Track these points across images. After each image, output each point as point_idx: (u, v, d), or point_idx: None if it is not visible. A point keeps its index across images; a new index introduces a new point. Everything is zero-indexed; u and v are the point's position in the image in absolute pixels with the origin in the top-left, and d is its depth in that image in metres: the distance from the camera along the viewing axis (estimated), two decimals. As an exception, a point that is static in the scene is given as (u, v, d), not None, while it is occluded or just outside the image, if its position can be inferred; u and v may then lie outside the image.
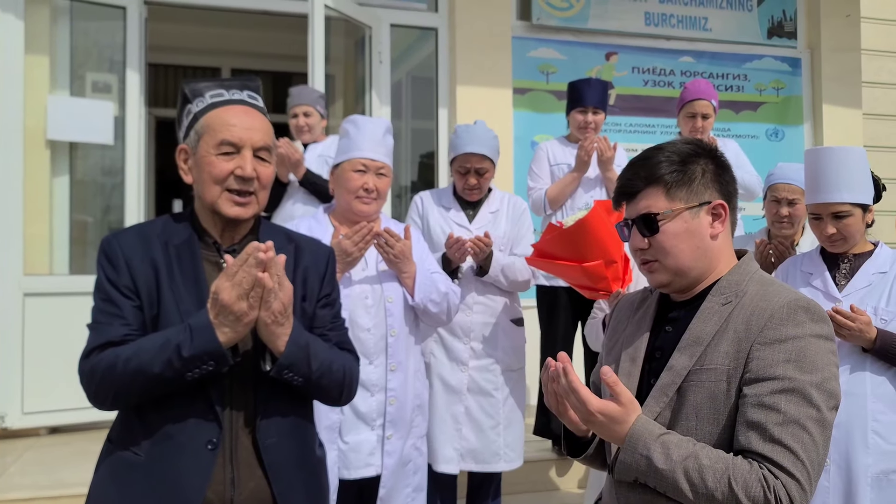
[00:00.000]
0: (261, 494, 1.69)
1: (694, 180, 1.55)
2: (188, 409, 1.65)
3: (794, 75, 6.22)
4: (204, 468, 1.64)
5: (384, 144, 2.84)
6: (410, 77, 6.15)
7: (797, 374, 1.39)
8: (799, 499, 1.34)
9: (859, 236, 2.68)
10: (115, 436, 1.73)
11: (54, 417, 4.64)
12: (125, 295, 1.69)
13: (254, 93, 1.84)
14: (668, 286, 1.59)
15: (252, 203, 1.75)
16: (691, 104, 4.11)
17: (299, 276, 1.82)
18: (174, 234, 1.77)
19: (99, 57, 5.27)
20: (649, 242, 1.56)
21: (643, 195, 1.56)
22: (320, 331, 1.84)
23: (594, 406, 1.42)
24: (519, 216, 3.53)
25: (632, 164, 1.61)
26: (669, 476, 1.39)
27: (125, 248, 1.72)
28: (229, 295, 1.57)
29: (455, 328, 3.35)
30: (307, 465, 1.80)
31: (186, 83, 1.83)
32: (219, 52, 7.92)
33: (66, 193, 5.07)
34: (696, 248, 1.54)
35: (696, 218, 1.54)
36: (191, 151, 1.77)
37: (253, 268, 1.57)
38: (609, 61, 5.85)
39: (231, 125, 1.73)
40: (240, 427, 1.69)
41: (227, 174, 1.72)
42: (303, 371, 1.70)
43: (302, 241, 1.90)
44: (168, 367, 1.59)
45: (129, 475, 1.66)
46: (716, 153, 1.59)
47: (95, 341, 1.67)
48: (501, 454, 3.38)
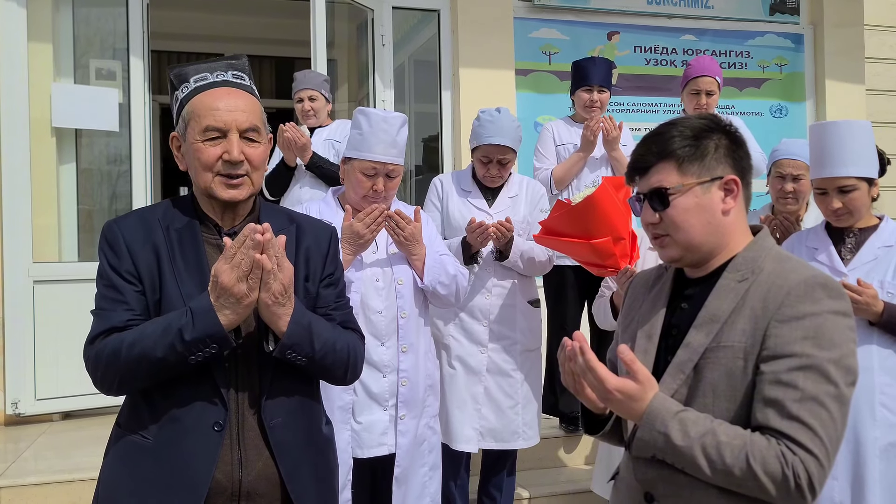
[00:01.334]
0: (268, 474, 1.71)
1: (706, 155, 1.54)
2: (193, 391, 1.67)
3: (797, 52, 6.20)
4: (211, 450, 1.65)
5: (396, 144, 2.80)
6: (413, 60, 6.14)
7: (815, 350, 1.39)
8: (817, 475, 1.35)
9: (865, 210, 2.69)
10: (123, 420, 1.75)
11: (67, 403, 4.68)
12: (127, 280, 1.70)
13: (239, 72, 1.80)
14: (680, 261, 1.60)
15: (245, 184, 1.74)
16: (695, 81, 4.10)
17: (301, 256, 1.82)
18: (175, 218, 1.77)
19: (102, 44, 5.27)
20: (660, 217, 1.56)
21: (655, 170, 1.57)
22: (324, 310, 1.84)
23: (612, 384, 1.43)
24: (537, 201, 3.55)
25: (645, 139, 1.62)
26: (687, 452, 1.41)
27: (126, 234, 1.72)
28: (228, 277, 1.57)
29: (474, 310, 3.38)
30: (314, 443, 1.81)
31: (171, 69, 1.81)
32: (221, 38, 7.90)
33: (73, 181, 5.09)
34: (708, 223, 1.54)
35: (707, 193, 1.54)
36: (181, 138, 1.77)
37: (251, 249, 1.57)
38: (611, 41, 5.84)
39: (214, 109, 1.70)
40: (245, 408, 1.70)
41: (215, 160, 1.70)
42: (306, 351, 1.70)
43: (303, 221, 1.90)
44: (171, 351, 1.60)
45: (139, 458, 1.68)
46: (730, 129, 1.58)
47: (99, 327, 1.68)
48: (520, 432, 3.42)
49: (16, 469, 3.78)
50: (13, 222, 4.58)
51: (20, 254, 4.58)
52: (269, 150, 1.81)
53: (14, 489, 3.62)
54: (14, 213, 4.58)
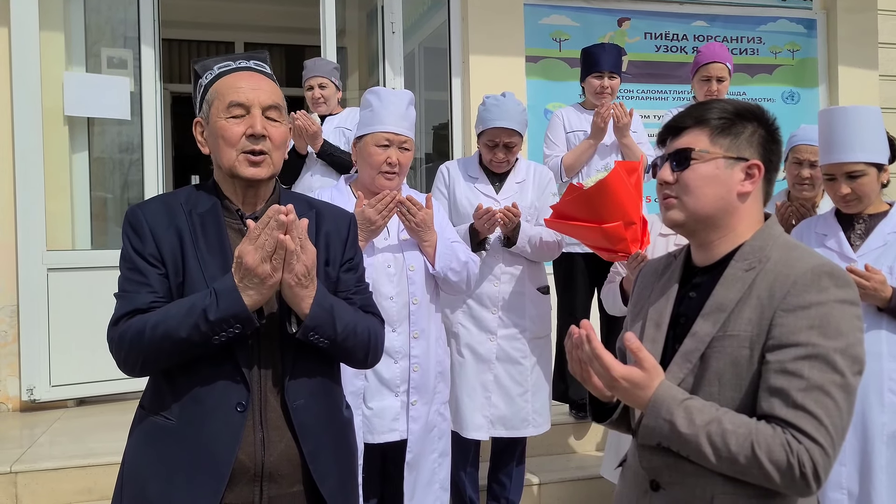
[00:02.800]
0: (290, 455, 1.73)
1: (740, 135, 1.56)
2: (216, 372, 1.69)
3: (810, 37, 6.15)
4: (234, 430, 1.67)
5: (407, 118, 2.85)
6: (423, 47, 6.13)
7: (820, 340, 1.39)
8: (822, 463, 1.35)
9: (874, 196, 2.68)
10: (146, 402, 1.78)
11: (81, 389, 4.73)
12: (151, 263, 1.72)
13: (260, 62, 1.86)
14: (682, 227, 1.59)
15: (266, 163, 1.77)
16: (706, 67, 4.08)
17: (322, 241, 1.84)
18: (198, 202, 1.80)
19: (113, 33, 5.29)
20: (677, 178, 1.57)
21: (688, 132, 1.58)
22: (345, 294, 1.86)
23: (618, 372, 1.44)
24: (545, 186, 3.53)
25: (688, 107, 1.64)
26: (692, 440, 1.41)
27: (150, 218, 1.75)
28: (253, 258, 1.60)
29: (483, 298, 3.38)
30: (335, 425, 1.83)
31: (196, 61, 1.87)
32: (232, 26, 7.91)
33: (86, 169, 5.13)
34: (720, 198, 1.54)
35: (729, 169, 1.55)
36: (204, 122, 1.81)
37: (275, 230, 1.59)
38: (621, 27, 5.81)
39: (238, 87, 1.76)
40: (268, 389, 1.72)
41: (239, 136, 1.74)
42: (328, 333, 1.72)
43: (323, 207, 1.93)
44: (195, 331, 1.62)
45: (162, 439, 1.70)
46: (773, 125, 1.59)
47: (123, 309, 1.71)
48: (530, 420, 3.43)
49: (31, 454, 3.83)
50: (27, 211, 4.62)
51: (34, 242, 4.62)
52: (288, 135, 1.85)
53: (30, 474, 3.67)
54: (28, 202, 4.62)
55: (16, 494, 3.65)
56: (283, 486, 1.72)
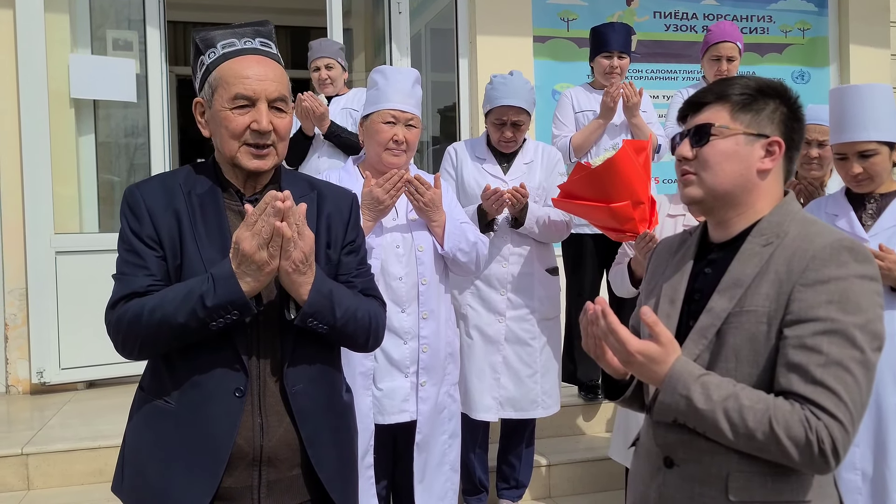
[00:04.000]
0: (289, 440, 1.72)
1: (761, 112, 1.54)
2: (214, 357, 1.67)
3: (821, 16, 6.08)
4: (233, 415, 1.67)
5: (413, 95, 2.84)
6: (429, 28, 6.09)
7: (840, 315, 1.37)
8: (841, 440, 1.34)
9: (886, 175, 2.66)
10: (146, 384, 1.77)
11: (91, 372, 4.75)
12: (148, 245, 1.70)
13: (266, 39, 1.79)
14: (700, 203, 1.58)
15: (271, 155, 1.74)
16: (716, 46, 4.05)
17: (323, 223, 1.82)
18: (197, 183, 1.77)
19: (118, 15, 5.27)
20: (696, 154, 1.55)
21: (708, 108, 1.57)
22: (346, 277, 1.84)
23: (633, 346, 1.43)
24: (553, 167, 3.51)
25: (711, 84, 1.62)
26: (710, 416, 1.40)
27: (148, 198, 1.73)
28: (249, 244, 1.57)
29: (491, 279, 3.37)
30: (334, 410, 1.82)
31: (197, 32, 1.79)
32: (237, 8, 7.87)
33: (93, 152, 5.12)
34: (739, 174, 1.53)
35: (749, 145, 1.53)
36: (206, 105, 1.76)
37: (271, 217, 1.57)
38: (630, 6, 5.75)
39: (244, 77, 1.69)
40: (267, 374, 1.71)
41: (243, 129, 1.70)
42: (327, 319, 1.71)
43: (325, 188, 1.90)
44: (192, 316, 1.61)
45: (162, 423, 1.69)
46: (795, 103, 1.57)
47: (120, 292, 1.69)
48: (539, 401, 3.43)
49: (42, 436, 3.86)
50: (34, 194, 4.62)
51: (42, 225, 4.63)
52: (292, 121, 1.80)
53: (41, 456, 3.70)
54: (35, 185, 4.62)
55: (27, 476, 3.68)
56: (281, 471, 1.72)
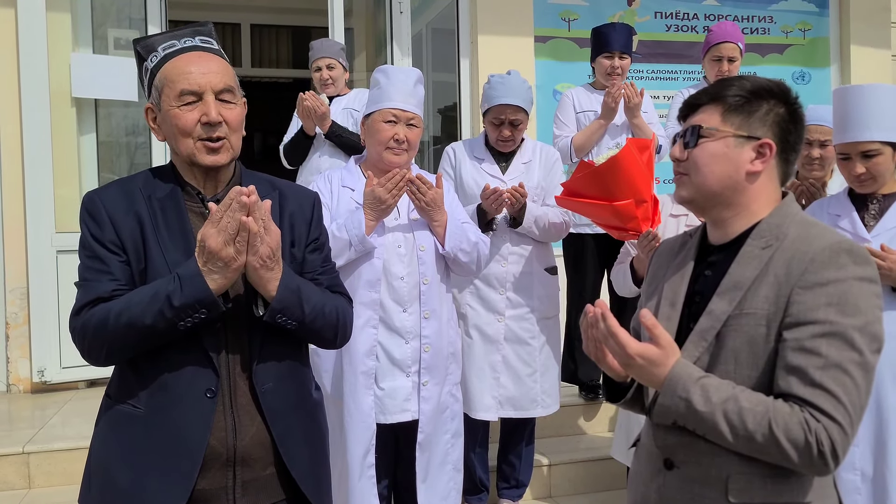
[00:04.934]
0: (262, 439, 1.72)
1: (753, 113, 1.54)
2: (183, 358, 1.66)
3: (822, 16, 6.08)
4: (205, 416, 1.65)
5: (415, 95, 2.84)
6: (431, 28, 6.09)
7: (839, 317, 1.37)
8: (840, 442, 1.34)
9: (888, 175, 2.66)
10: (112, 391, 1.75)
11: (92, 371, 4.75)
12: (111, 251, 1.69)
13: (207, 37, 1.79)
14: (691, 203, 1.60)
15: (225, 148, 1.72)
16: (717, 47, 4.05)
17: (286, 222, 1.81)
18: (157, 187, 1.76)
19: (119, 14, 5.27)
20: (687, 155, 1.57)
21: (702, 110, 1.58)
22: (311, 275, 1.84)
23: (633, 349, 1.43)
24: (551, 166, 3.52)
25: (711, 84, 1.63)
26: (709, 418, 1.40)
27: (108, 204, 1.71)
28: (216, 241, 1.57)
29: (490, 278, 3.38)
30: (304, 408, 1.82)
31: (137, 41, 1.80)
32: (239, 7, 7.88)
33: (94, 152, 5.13)
34: (728, 176, 1.53)
35: (738, 148, 1.53)
36: (156, 108, 1.75)
37: (237, 212, 1.56)
38: (631, 6, 5.76)
39: (188, 73, 1.69)
40: (237, 373, 1.70)
41: (193, 124, 1.69)
42: (296, 315, 1.70)
43: (286, 187, 1.89)
44: (160, 317, 1.59)
45: (130, 428, 1.67)
46: (794, 104, 1.57)
47: (84, 298, 1.67)
48: (538, 400, 3.43)
49: (43, 435, 3.86)
50: (36, 193, 4.63)
51: (43, 224, 4.63)
52: (245, 113, 1.79)
53: (42, 454, 3.70)
54: (36, 184, 4.62)
55: (28, 475, 3.68)
56: (255, 470, 1.71)
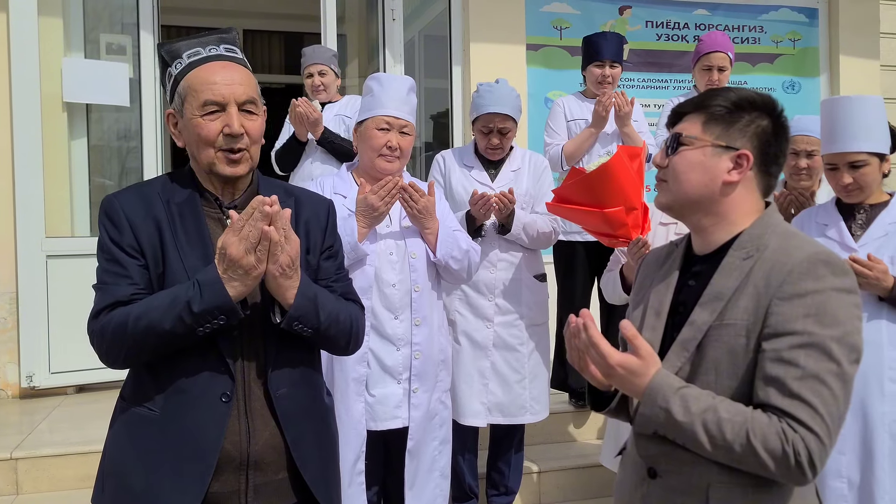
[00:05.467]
0: (275, 443, 1.73)
1: (734, 124, 1.55)
2: (200, 363, 1.68)
3: (811, 26, 6.13)
4: (219, 420, 1.67)
5: (408, 103, 2.86)
6: (423, 35, 6.10)
7: (817, 328, 1.38)
8: (818, 452, 1.35)
9: (875, 186, 2.69)
10: (127, 393, 1.76)
11: (81, 376, 4.74)
12: (130, 254, 1.70)
13: (231, 45, 1.80)
14: (669, 210, 1.62)
15: (245, 160, 1.74)
16: (707, 57, 4.08)
17: (301, 229, 1.84)
18: (175, 192, 1.77)
19: (111, 19, 5.27)
20: (668, 162, 1.59)
21: (686, 118, 1.60)
22: (325, 282, 1.86)
23: (614, 359, 1.44)
24: (540, 174, 3.53)
25: (698, 94, 1.65)
26: (688, 428, 1.41)
27: (126, 208, 1.72)
28: (237, 249, 1.58)
29: (479, 285, 3.38)
30: (317, 413, 1.84)
31: (161, 45, 1.81)
32: (231, 13, 7.88)
33: (85, 156, 5.12)
34: (704, 185, 1.55)
35: (716, 157, 1.54)
36: (178, 115, 1.77)
37: (259, 221, 1.58)
38: (622, 16, 5.79)
39: (212, 83, 1.70)
40: (252, 379, 1.72)
41: (216, 134, 1.71)
42: (312, 322, 1.73)
43: (301, 194, 1.91)
44: (179, 323, 1.61)
45: (145, 431, 1.68)
46: (780, 117, 1.58)
47: (103, 301, 1.68)
48: (527, 407, 3.44)
49: (32, 441, 3.84)
50: (26, 197, 4.61)
51: (33, 229, 4.62)
52: (265, 122, 1.81)
53: (30, 460, 3.68)
54: (26, 189, 4.61)
55: (16, 481, 3.66)
56: (268, 474, 1.73)
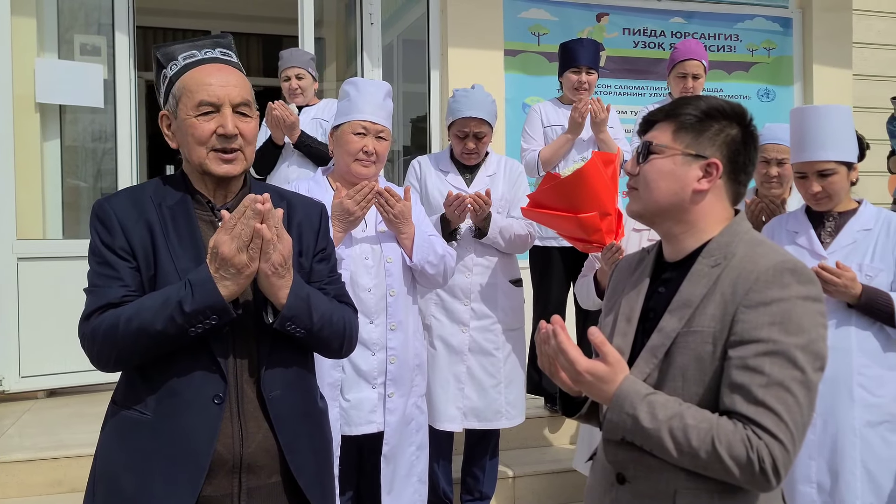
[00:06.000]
0: (268, 446, 1.73)
1: (703, 132, 1.56)
2: (192, 364, 1.67)
3: (786, 35, 6.20)
4: (212, 423, 1.66)
5: (384, 108, 2.86)
6: (402, 39, 6.11)
7: (782, 336, 1.39)
8: (782, 459, 1.36)
9: (844, 194, 2.72)
10: (119, 397, 1.75)
11: (52, 381, 4.68)
12: (121, 257, 1.70)
13: (226, 49, 1.82)
14: (640, 217, 1.63)
15: (239, 159, 1.75)
16: (682, 64, 4.12)
17: (294, 231, 1.83)
18: (167, 195, 1.78)
19: (87, 19, 5.22)
20: (639, 170, 1.60)
21: (657, 126, 1.61)
22: (318, 285, 1.86)
23: (582, 366, 1.45)
24: (516, 179, 3.55)
25: (670, 102, 1.65)
26: (655, 435, 1.42)
27: (118, 211, 1.73)
28: (229, 248, 1.58)
29: (455, 290, 3.39)
30: (311, 415, 1.83)
31: (157, 48, 1.82)
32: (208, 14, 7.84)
33: (58, 158, 5.06)
34: (674, 193, 1.55)
35: (685, 166, 1.55)
36: (172, 116, 1.78)
37: (251, 219, 1.58)
38: (600, 22, 5.83)
39: (207, 84, 1.72)
40: (244, 380, 1.72)
41: (209, 134, 1.71)
42: (304, 323, 1.72)
43: (293, 198, 1.92)
44: (170, 323, 1.60)
45: (137, 433, 1.68)
46: (750, 126, 1.59)
47: (94, 304, 1.68)
48: (503, 412, 3.45)
49: (1, 446, 3.79)
50: (-3, 199, 4.55)
51: (4, 231, 4.55)
52: (258, 126, 1.82)
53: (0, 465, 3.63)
54: (-2, 190, 4.55)
55: (-16, 486, 3.61)
56: (261, 478, 1.72)
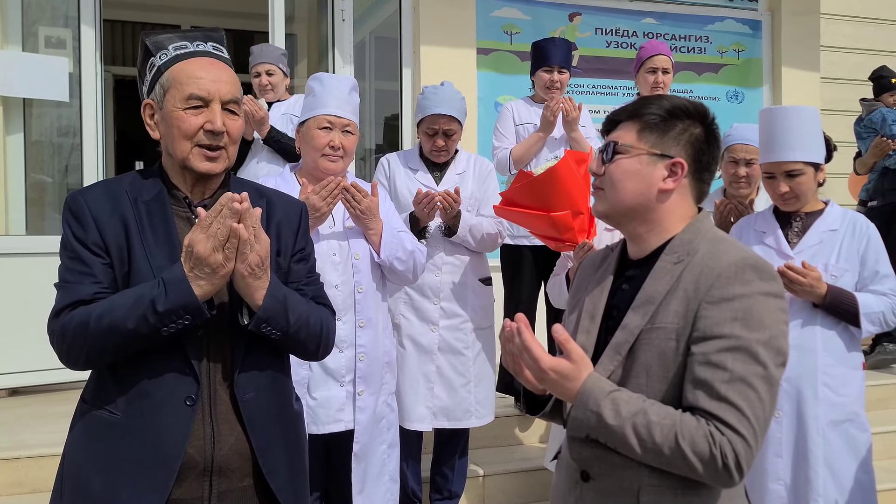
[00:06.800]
0: (240, 449, 1.70)
1: (668, 132, 1.56)
2: (164, 365, 1.64)
3: (755, 38, 6.27)
4: (183, 424, 1.63)
5: (350, 102, 2.83)
6: (374, 36, 6.08)
7: (743, 332, 1.40)
8: (744, 454, 1.37)
9: (811, 195, 2.75)
10: (89, 396, 1.72)
11: (14, 379, 4.58)
12: (94, 252, 1.66)
13: (218, 44, 1.79)
14: (606, 218, 1.63)
15: (222, 157, 1.72)
16: (651, 60, 4.17)
17: (273, 231, 1.80)
18: (143, 189, 1.73)
19: (53, 12, 5.14)
20: (604, 170, 1.60)
21: (621, 126, 1.60)
22: (296, 285, 1.83)
23: (546, 364, 1.45)
24: (485, 177, 3.54)
25: (632, 101, 1.65)
26: (619, 432, 1.42)
27: (92, 205, 1.68)
28: (204, 247, 1.55)
29: (424, 288, 3.37)
30: (285, 419, 1.80)
31: (147, 35, 1.77)
32: (177, 9, 7.75)
33: (21, 152, 4.97)
34: (640, 193, 1.56)
35: (651, 166, 1.55)
36: (157, 106, 1.73)
37: (228, 218, 1.55)
38: (572, 22, 5.85)
39: (198, 78, 1.68)
40: (218, 382, 1.69)
41: (196, 129, 1.68)
42: (281, 325, 1.69)
43: (273, 196, 1.88)
44: (142, 322, 1.57)
45: (107, 434, 1.64)
46: (712, 125, 1.60)
47: (65, 300, 1.64)
48: (473, 411, 3.43)
49: (-40, 445, 3.71)
50: (-42, 194, 4.46)
51: (-35, 226, 4.47)
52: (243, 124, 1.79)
53: (-43, 466, 3.55)
54: (-41, 185, 4.46)
55: (-58, 487, 3.53)
56: (232, 481, 1.69)
